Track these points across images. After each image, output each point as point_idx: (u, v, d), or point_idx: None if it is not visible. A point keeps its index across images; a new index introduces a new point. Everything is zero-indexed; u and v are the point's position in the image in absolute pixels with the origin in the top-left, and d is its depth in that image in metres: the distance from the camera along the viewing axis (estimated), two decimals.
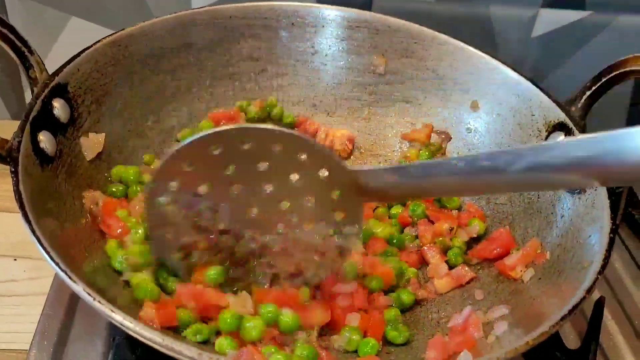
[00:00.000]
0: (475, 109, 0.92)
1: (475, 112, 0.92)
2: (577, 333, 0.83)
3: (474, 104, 0.92)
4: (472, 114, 0.93)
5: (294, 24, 0.97)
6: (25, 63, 0.75)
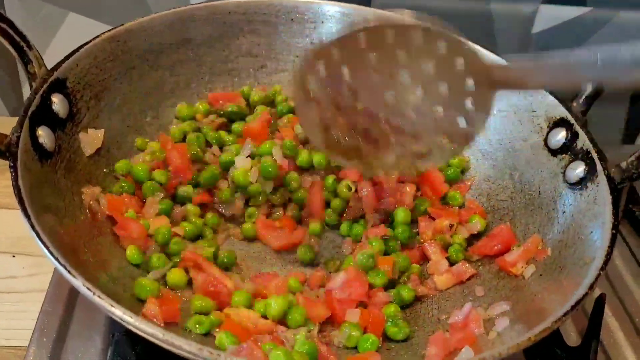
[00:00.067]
0: None
1: None
2: (578, 330, 0.83)
3: None
4: None
5: (293, 19, 0.97)
6: (24, 58, 0.75)
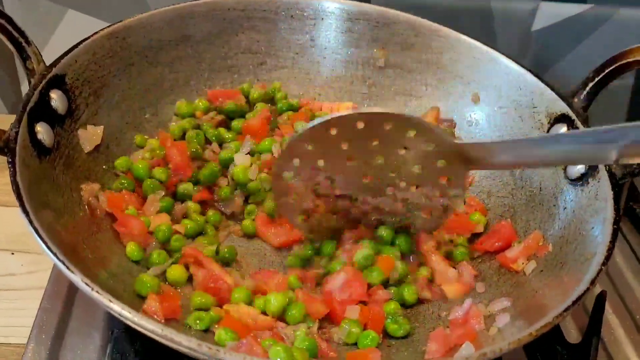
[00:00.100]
0: (477, 101, 0.92)
1: (476, 105, 0.92)
2: (578, 327, 0.83)
3: (475, 97, 0.92)
4: (473, 107, 0.92)
5: (293, 16, 0.96)
6: (23, 54, 0.75)
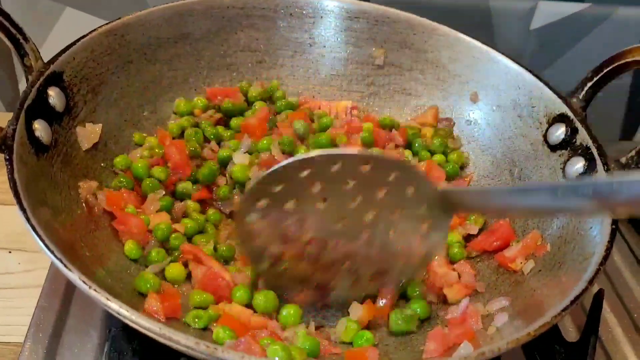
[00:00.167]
0: (475, 100, 0.92)
1: (475, 104, 0.92)
2: (576, 326, 0.83)
3: (474, 96, 0.92)
4: (472, 106, 0.92)
5: (292, 14, 0.96)
6: (20, 51, 0.75)
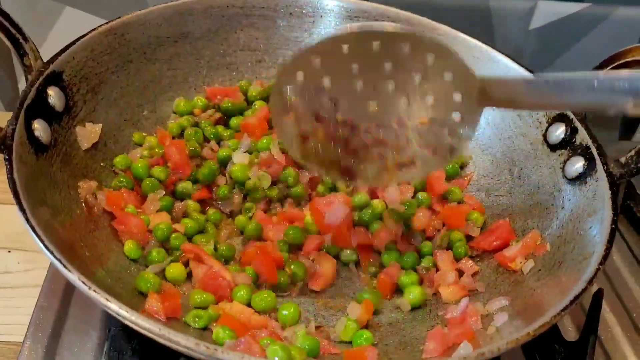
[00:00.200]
0: None
1: None
2: (576, 326, 0.83)
3: None
4: None
5: (292, 13, 0.96)
6: (20, 50, 0.75)
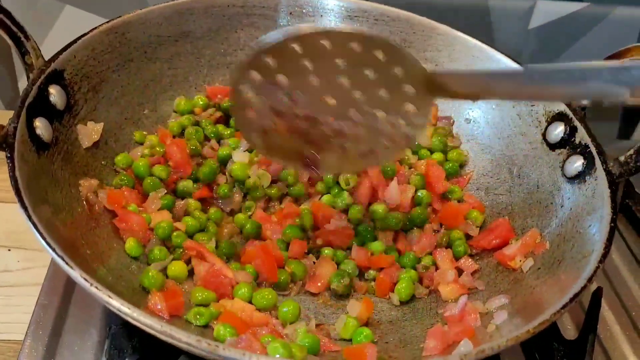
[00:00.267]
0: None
1: (474, 103, 0.92)
2: (575, 324, 0.83)
3: None
4: (471, 104, 0.93)
5: (292, 13, 0.96)
6: (21, 48, 0.74)
